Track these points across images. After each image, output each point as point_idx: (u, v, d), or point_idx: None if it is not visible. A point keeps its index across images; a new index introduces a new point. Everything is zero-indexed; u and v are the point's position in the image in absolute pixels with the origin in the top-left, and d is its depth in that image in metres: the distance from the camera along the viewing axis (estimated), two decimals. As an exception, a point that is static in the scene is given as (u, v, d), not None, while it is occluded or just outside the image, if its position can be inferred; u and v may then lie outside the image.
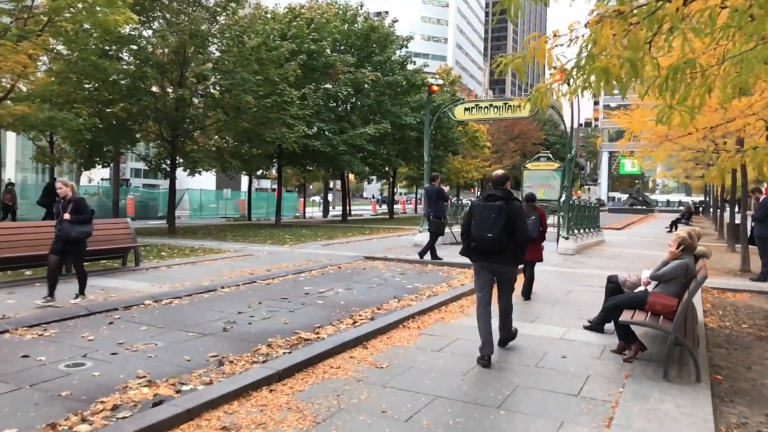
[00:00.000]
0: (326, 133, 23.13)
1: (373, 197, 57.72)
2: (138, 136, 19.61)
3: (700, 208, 48.48)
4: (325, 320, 6.55)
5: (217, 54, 17.99)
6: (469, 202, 19.14)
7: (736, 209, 16.88)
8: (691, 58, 3.88)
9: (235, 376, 4.44)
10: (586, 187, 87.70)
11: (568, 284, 9.41)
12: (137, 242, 10.66)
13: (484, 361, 4.88)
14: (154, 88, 17.96)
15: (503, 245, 4.97)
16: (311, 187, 75.49)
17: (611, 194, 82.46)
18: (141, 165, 44.36)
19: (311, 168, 27.57)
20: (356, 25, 26.36)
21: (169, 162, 19.18)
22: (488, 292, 5.16)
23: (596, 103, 74.54)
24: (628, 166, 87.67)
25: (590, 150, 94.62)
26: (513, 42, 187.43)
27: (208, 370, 4.66)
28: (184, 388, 4.22)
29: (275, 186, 59.47)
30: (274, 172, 34.53)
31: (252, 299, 7.66)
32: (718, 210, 34.76)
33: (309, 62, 21.69)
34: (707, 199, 50.58)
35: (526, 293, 8.06)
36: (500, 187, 5.22)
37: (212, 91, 18.33)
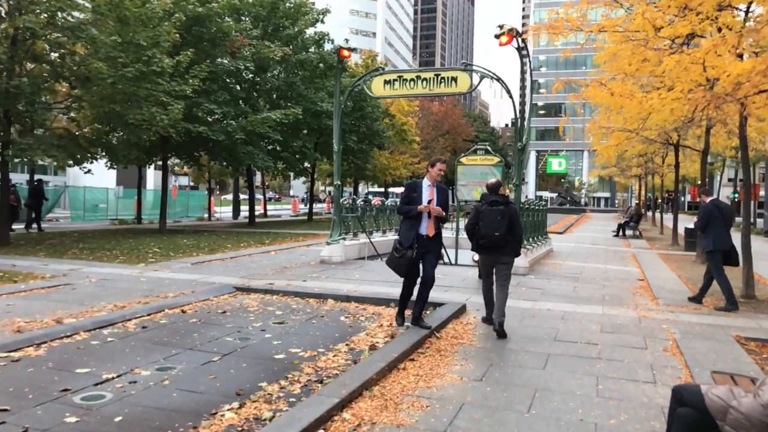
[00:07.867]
0: (228, 119, 18.90)
1: (303, 197, 53.34)
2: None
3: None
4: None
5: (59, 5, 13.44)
6: (382, 202, 16.34)
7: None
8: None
9: None
10: (511, 186, 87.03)
11: (537, 341, 5.98)
12: None
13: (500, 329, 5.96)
14: None
15: (506, 241, 6.10)
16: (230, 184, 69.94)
17: (538, 193, 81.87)
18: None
19: (206, 161, 23.14)
20: (263, -6, 22.22)
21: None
22: (492, 278, 6.38)
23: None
24: (555, 165, 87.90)
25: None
26: (441, 41, 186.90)
27: None
28: None
29: (194, 183, 53.80)
30: (188, 167, 29.84)
31: (-74, 417, 3.68)
32: (655, 210, 33.22)
33: (197, 30, 17.45)
34: (629, 197, 49.72)
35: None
36: (497, 193, 6.20)
37: (53, 54, 13.73)
